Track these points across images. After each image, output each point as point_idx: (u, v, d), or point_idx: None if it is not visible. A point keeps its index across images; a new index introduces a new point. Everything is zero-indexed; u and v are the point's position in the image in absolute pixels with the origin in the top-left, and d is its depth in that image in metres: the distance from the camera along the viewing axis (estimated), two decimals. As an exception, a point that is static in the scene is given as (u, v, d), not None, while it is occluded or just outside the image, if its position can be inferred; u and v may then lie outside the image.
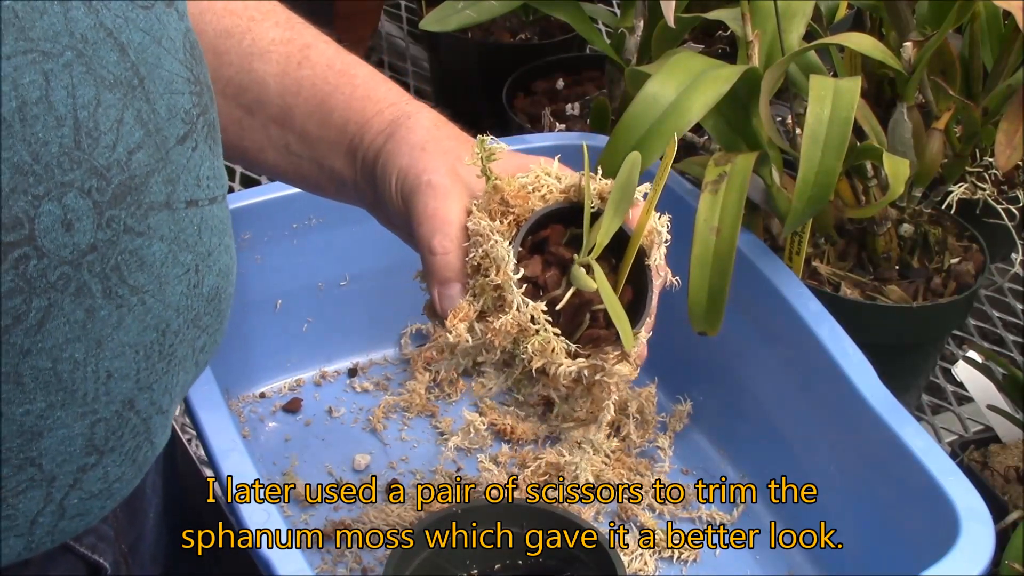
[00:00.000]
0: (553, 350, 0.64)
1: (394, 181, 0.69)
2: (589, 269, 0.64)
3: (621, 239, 0.65)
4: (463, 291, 0.66)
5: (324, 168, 0.75)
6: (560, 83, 1.40)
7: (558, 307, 0.64)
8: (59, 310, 0.51)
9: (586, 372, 0.65)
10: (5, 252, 0.48)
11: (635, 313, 0.65)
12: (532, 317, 0.63)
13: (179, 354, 0.58)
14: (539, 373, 0.65)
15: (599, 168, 0.68)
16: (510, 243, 0.64)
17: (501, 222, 0.65)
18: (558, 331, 0.64)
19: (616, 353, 0.65)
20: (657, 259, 0.66)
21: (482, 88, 1.45)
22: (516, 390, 0.68)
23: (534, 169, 0.68)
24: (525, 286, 0.64)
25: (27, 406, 0.51)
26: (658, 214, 0.66)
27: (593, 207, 0.65)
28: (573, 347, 0.64)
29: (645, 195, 0.65)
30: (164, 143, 0.55)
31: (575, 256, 0.65)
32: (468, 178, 0.68)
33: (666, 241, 0.66)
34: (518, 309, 0.63)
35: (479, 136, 0.66)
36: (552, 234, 0.66)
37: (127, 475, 0.58)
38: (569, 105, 1.34)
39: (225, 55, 0.74)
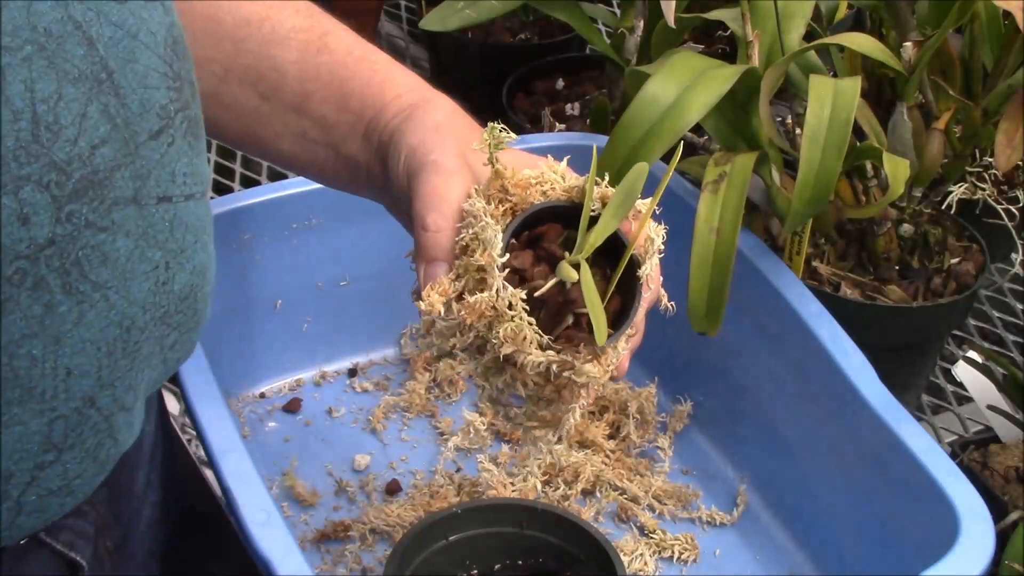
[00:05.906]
0: (524, 339, 0.63)
1: (403, 158, 0.69)
2: (579, 268, 0.63)
3: (618, 249, 0.64)
4: (448, 272, 0.65)
5: (340, 154, 0.75)
6: (560, 83, 1.40)
7: (537, 294, 0.63)
8: (15, 305, 0.50)
9: (555, 367, 0.64)
10: None
11: (618, 322, 0.65)
12: (510, 303, 0.63)
13: (144, 351, 0.57)
14: (507, 362, 0.64)
15: (606, 174, 0.67)
16: (503, 228, 0.64)
17: (498, 208, 0.65)
18: (532, 321, 0.63)
19: (588, 352, 0.64)
20: (648, 269, 0.65)
21: (482, 88, 1.45)
22: (484, 378, 0.67)
23: (540, 166, 0.67)
24: (512, 275, 0.63)
25: None
26: (655, 223, 0.65)
27: (594, 210, 0.65)
28: (546, 339, 0.63)
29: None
30: (134, 138, 0.54)
31: (567, 255, 0.64)
32: (475, 164, 0.68)
33: (660, 252, 0.65)
34: (497, 292, 0.62)
35: (490, 123, 0.65)
36: (549, 231, 0.66)
37: (88, 472, 0.57)
38: (569, 105, 1.34)
39: (244, 43, 0.74)
